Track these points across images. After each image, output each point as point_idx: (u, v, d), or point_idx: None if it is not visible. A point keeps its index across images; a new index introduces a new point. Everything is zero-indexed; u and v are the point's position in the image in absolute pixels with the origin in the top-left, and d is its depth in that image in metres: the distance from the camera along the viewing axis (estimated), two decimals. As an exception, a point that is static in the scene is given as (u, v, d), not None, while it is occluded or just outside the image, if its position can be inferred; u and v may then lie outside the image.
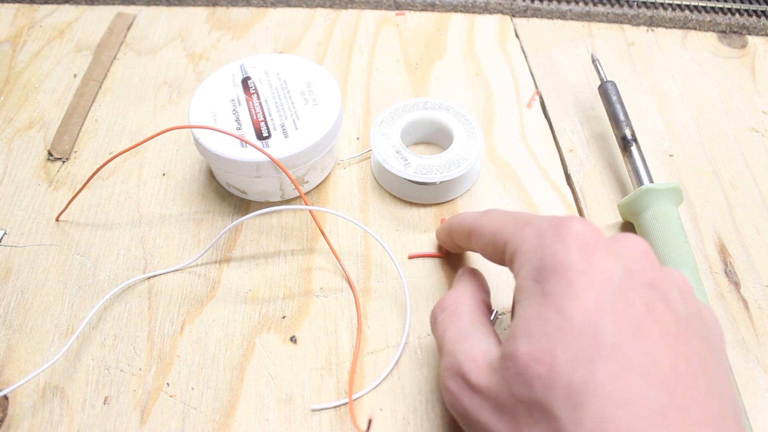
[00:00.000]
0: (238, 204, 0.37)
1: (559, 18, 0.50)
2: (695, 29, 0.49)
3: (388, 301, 0.33)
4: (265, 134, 0.34)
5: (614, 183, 0.39)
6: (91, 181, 0.36)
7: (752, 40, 0.48)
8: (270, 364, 0.31)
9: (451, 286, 0.30)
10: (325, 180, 0.38)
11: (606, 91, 0.40)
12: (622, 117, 0.38)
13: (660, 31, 0.49)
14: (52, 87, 0.44)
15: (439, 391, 0.30)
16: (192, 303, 0.33)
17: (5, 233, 0.36)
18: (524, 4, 0.50)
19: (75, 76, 0.45)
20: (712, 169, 0.40)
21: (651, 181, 0.35)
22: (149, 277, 0.34)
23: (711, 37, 0.49)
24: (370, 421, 0.25)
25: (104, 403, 0.29)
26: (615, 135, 0.38)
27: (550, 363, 0.20)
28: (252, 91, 0.37)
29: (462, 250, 0.33)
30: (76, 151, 0.40)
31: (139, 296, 0.33)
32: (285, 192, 0.37)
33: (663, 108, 0.43)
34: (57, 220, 0.36)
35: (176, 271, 0.34)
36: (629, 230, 0.36)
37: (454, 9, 0.50)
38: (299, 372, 0.30)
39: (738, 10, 0.50)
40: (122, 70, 0.45)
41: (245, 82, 0.37)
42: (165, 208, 0.37)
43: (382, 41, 0.48)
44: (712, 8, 0.50)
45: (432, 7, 0.50)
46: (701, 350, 0.21)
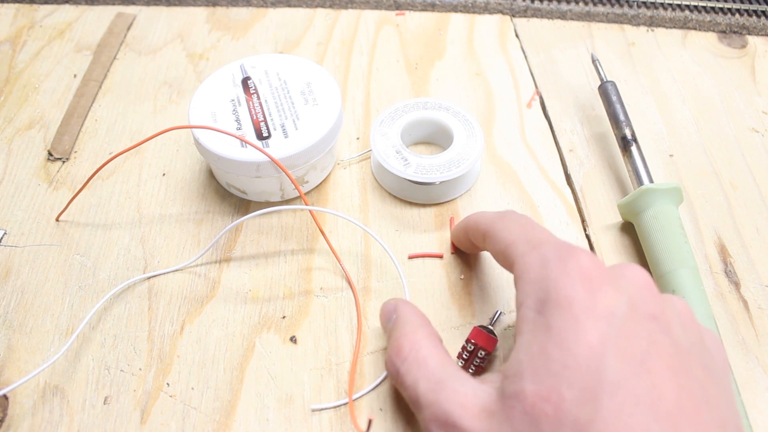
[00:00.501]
0: (238, 204, 0.37)
1: (559, 18, 0.50)
2: (695, 29, 0.49)
3: (388, 301, 0.33)
4: (265, 134, 0.34)
5: (614, 183, 0.39)
6: (91, 181, 0.36)
7: (752, 40, 0.48)
8: (270, 364, 0.31)
9: (391, 324, 0.29)
10: (325, 180, 0.38)
11: (606, 91, 0.40)
12: (622, 117, 0.38)
13: (660, 31, 0.49)
14: (52, 87, 0.44)
15: None
16: (192, 303, 0.33)
17: (5, 233, 0.36)
18: (524, 4, 0.50)
19: (75, 76, 0.45)
20: (712, 169, 0.40)
21: (651, 181, 0.35)
22: (149, 277, 0.34)
23: (711, 37, 0.49)
24: (370, 422, 0.25)
25: (104, 403, 0.29)
26: (615, 135, 0.38)
27: (557, 402, 0.20)
28: (252, 91, 0.37)
29: (478, 250, 0.33)
30: (76, 151, 0.40)
31: (139, 296, 0.33)
32: (285, 192, 0.37)
33: (663, 108, 0.43)
34: (57, 220, 0.36)
35: (176, 271, 0.34)
36: (629, 230, 0.36)
37: (454, 9, 0.50)
38: (299, 372, 0.30)
39: (738, 10, 0.50)
40: (122, 70, 0.45)
41: (245, 82, 0.37)
42: (165, 208, 0.37)
43: (382, 41, 0.48)
44: (712, 8, 0.50)
45: (432, 7, 0.50)
46: (703, 380, 0.22)
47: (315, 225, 0.36)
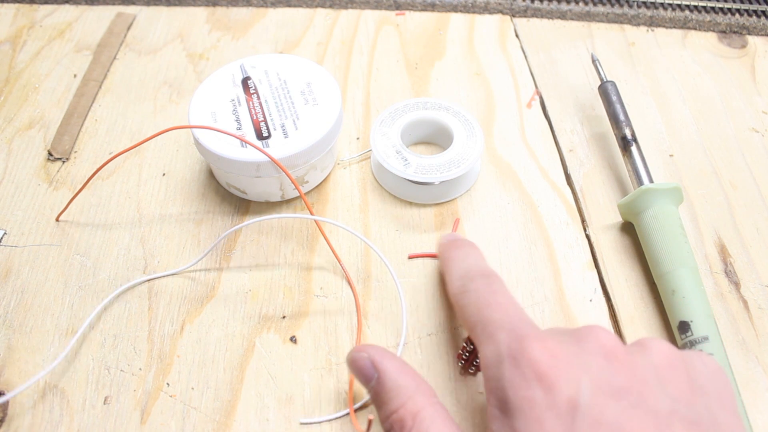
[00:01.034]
0: (238, 204, 0.37)
1: (559, 18, 0.50)
2: (695, 29, 0.49)
3: (388, 301, 0.33)
4: (265, 134, 0.34)
5: (614, 183, 0.39)
6: (91, 181, 0.36)
7: (752, 40, 0.48)
8: (270, 364, 0.31)
9: (374, 383, 0.26)
10: (325, 180, 0.38)
11: (606, 91, 0.40)
12: (622, 117, 0.38)
13: (660, 31, 0.49)
14: (52, 87, 0.44)
15: (438, 391, 0.30)
16: (192, 303, 0.33)
17: (5, 233, 0.36)
18: (524, 4, 0.50)
19: (75, 76, 0.45)
20: (712, 169, 0.40)
21: (651, 181, 0.35)
22: (149, 279, 0.34)
23: (711, 37, 0.49)
24: (370, 422, 0.25)
25: (104, 403, 0.29)
26: (615, 135, 0.38)
27: None
28: (252, 91, 0.37)
29: None
30: (76, 151, 0.40)
31: (139, 296, 0.33)
32: (285, 192, 0.37)
33: (663, 108, 0.43)
34: (57, 220, 0.36)
35: (175, 275, 0.34)
36: (629, 230, 0.36)
37: (454, 9, 0.50)
38: (299, 372, 0.30)
39: (738, 10, 0.50)
40: (122, 70, 0.45)
41: (245, 82, 0.37)
42: (165, 208, 0.37)
43: (382, 41, 0.48)
44: (712, 8, 0.50)
45: (432, 7, 0.50)
46: None
47: (315, 225, 0.36)
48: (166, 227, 0.36)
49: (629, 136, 0.37)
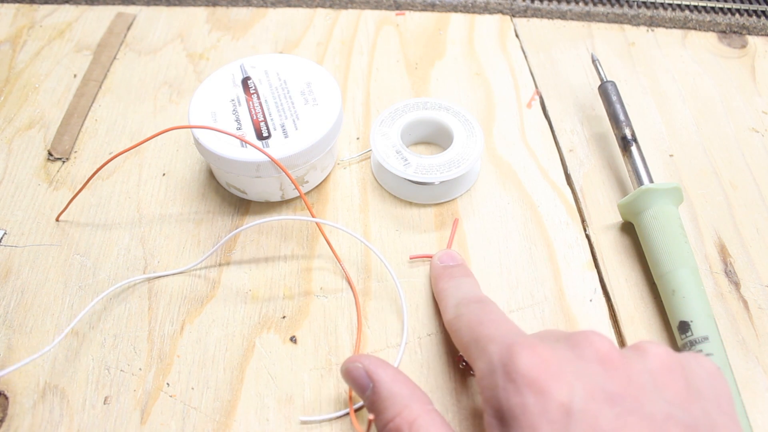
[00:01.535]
0: (238, 204, 0.37)
1: (559, 18, 0.50)
2: (695, 29, 0.49)
3: (389, 301, 0.33)
4: (265, 134, 0.34)
5: (614, 183, 0.39)
6: (91, 181, 0.36)
7: (752, 40, 0.48)
8: (270, 364, 0.31)
9: (370, 392, 0.26)
10: (325, 180, 0.38)
11: (606, 91, 0.40)
12: (622, 117, 0.38)
13: (660, 31, 0.49)
14: (52, 87, 0.44)
15: (438, 391, 0.30)
16: (192, 303, 0.33)
17: (5, 233, 0.36)
18: (524, 4, 0.50)
19: (75, 76, 0.45)
20: (712, 169, 0.39)
21: (651, 181, 0.35)
22: (149, 279, 0.34)
23: (711, 37, 0.49)
24: (370, 422, 0.25)
25: (104, 403, 0.29)
26: (615, 135, 0.38)
27: None
28: (252, 91, 0.37)
29: None
30: (76, 151, 0.40)
31: (139, 296, 0.33)
32: (285, 192, 0.37)
33: (663, 108, 0.43)
34: (57, 220, 0.36)
35: (175, 275, 0.34)
36: (629, 230, 0.36)
37: (454, 9, 0.50)
38: (299, 372, 0.30)
39: (738, 10, 0.50)
40: (122, 70, 0.45)
41: (245, 82, 0.37)
42: (165, 208, 0.37)
43: (382, 41, 0.48)
44: (712, 8, 0.50)
45: (432, 7, 0.50)
46: None
47: (315, 225, 0.36)
48: (166, 227, 0.36)
49: (629, 136, 0.37)
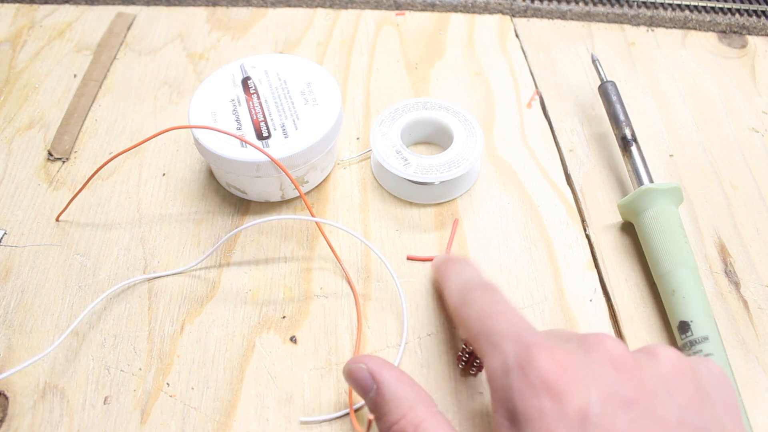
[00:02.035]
0: (238, 204, 0.37)
1: (559, 18, 0.50)
2: (695, 29, 0.49)
3: (389, 301, 0.33)
4: (265, 134, 0.34)
5: (614, 183, 0.39)
6: (91, 181, 0.36)
7: (752, 40, 0.48)
8: (270, 364, 0.31)
9: (373, 394, 0.26)
10: (325, 180, 0.38)
11: (606, 91, 0.40)
12: (622, 117, 0.38)
13: (660, 31, 0.49)
14: (52, 87, 0.44)
15: (438, 391, 0.30)
16: (192, 303, 0.33)
17: (5, 233, 0.36)
18: (524, 4, 0.50)
19: (75, 76, 0.45)
20: (712, 169, 0.39)
21: (651, 181, 0.35)
22: (149, 279, 0.34)
23: (711, 37, 0.49)
24: (370, 422, 0.25)
25: (104, 403, 0.29)
26: (615, 135, 0.38)
27: None
28: (252, 91, 0.37)
29: None
30: (76, 151, 0.40)
31: (139, 296, 0.33)
32: (285, 192, 0.37)
33: (663, 108, 0.43)
34: (57, 220, 0.36)
35: (175, 275, 0.34)
36: (629, 230, 0.36)
37: (454, 9, 0.50)
38: (299, 372, 0.30)
39: (738, 10, 0.50)
40: (122, 70, 0.45)
41: (245, 82, 0.37)
42: (165, 208, 0.37)
43: (382, 41, 0.48)
44: (712, 8, 0.50)
45: (432, 7, 0.50)
46: None
47: (315, 225, 0.36)
48: (166, 227, 0.36)
49: (629, 136, 0.37)
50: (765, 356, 0.31)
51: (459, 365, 0.30)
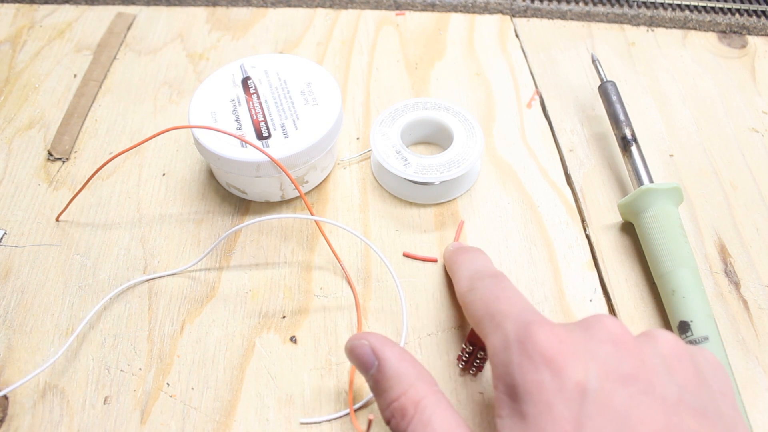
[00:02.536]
0: (238, 204, 0.37)
1: (559, 18, 0.50)
2: (695, 29, 0.49)
3: (388, 301, 0.33)
4: (265, 134, 0.34)
5: (614, 183, 0.39)
6: (91, 181, 0.36)
7: (752, 40, 0.48)
8: (270, 364, 0.31)
9: (374, 371, 0.26)
10: (325, 180, 0.38)
11: (606, 91, 0.40)
12: (622, 117, 0.38)
13: (660, 31, 0.49)
14: (52, 87, 0.44)
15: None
16: (192, 303, 0.33)
17: (5, 233, 0.36)
18: (524, 4, 0.50)
19: (75, 76, 0.45)
20: (712, 169, 0.39)
21: (651, 181, 0.35)
22: (149, 279, 0.34)
23: (711, 37, 0.49)
24: (370, 422, 0.25)
25: (104, 403, 0.29)
26: (615, 135, 0.38)
27: None
28: (252, 91, 0.37)
29: None
30: (76, 151, 0.40)
31: (139, 296, 0.33)
32: (285, 192, 0.37)
33: (663, 108, 0.43)
34: (57, 220, 0.36)
35: (175, 275, 0.34)
36: (629, 230, 0.36)
37: (454, 9, 0.50)
38: (299, 372, 0.30)
39: (738, 10, 0.50)
40: (122, 70, 0.45)
41: (245, 82, 0.37)
42: (165, 208, 0.37)
43: (382, 41, 0.48)
44: (712, 8, 0.50)
45: (432, 7, 0.50)
46: (697, 429, 0.21)
47: (315, 225, 0.36)
48: (166, 227, 0.36)
49: (629, 136, 0.37)
50: (765, 356, 0.31)
51: (459, 365, 0.30)
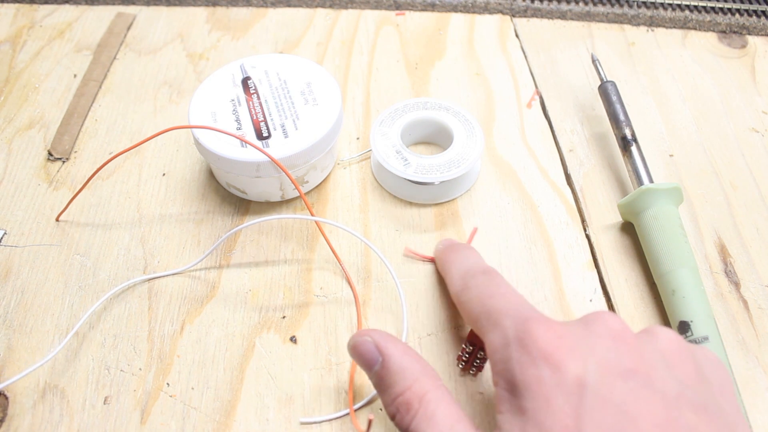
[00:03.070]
0: (238, 204, 0.37)
1: (559, 18, 0.50)
2: (695, 29, 0.49)
3: (389, 301, 0.33)
4: (265, 134, 0.34)
5: (614, 183, 0.39)
6: (91, 181, 0.36)
7: (752, 40, 0.48)
8: (270, 364, 0.31)
9: (378, 367, 0.26)
10: (325, 180, 0.38)
11: (606, 91, 0.40)
12: (622, 117, 0.38)
13: (660, 31, 0.49)
14: (52, 87, 0.44)
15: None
16: (192, 303, 0.33)
17: (5, 233, 0.36)
18: (524, 4, 0.50)
19: (75, 76, 0.45)
20: (712, 169, 0.40)
21: (651, 181, 0.35)
22: (149, 279, 0.34)
23: (711, 37, 0.49)
24: (370, 422, 0.25)
25: (104, 403, 0.29)
26: (615, 135, 0.38)
27: None
28: (252, 91, 0.37)
29: None
30: (76, 151, 0.40)
31: (139, 296, 0.33)
32: (285, 192, 0.37)
33: (663, 108, 0.43)
34: (57, 220, 0.36)
35: (175, 275, 0.34)
36: (629, 230, 0.36)
37: (454, 9, 0.50)
38: (299, 372, 0.30)
39: (738, 10, 0.50)
40: (122, 70, 0.45)
41: (245, 82, 0.37)
42: (165, 208, 0.37)
43: (382, 41, 0.48)
44: (712, 8, 0.50)
45: (432, 7, 0.50)
46: (697, 423, 0.21)
47: (315, 225, 0.36)
48: (166, 227, 0.36)
49: (629, 136, 0.37)
50: (765, 356, 0.31)
51: (459, 365, 0.30)
